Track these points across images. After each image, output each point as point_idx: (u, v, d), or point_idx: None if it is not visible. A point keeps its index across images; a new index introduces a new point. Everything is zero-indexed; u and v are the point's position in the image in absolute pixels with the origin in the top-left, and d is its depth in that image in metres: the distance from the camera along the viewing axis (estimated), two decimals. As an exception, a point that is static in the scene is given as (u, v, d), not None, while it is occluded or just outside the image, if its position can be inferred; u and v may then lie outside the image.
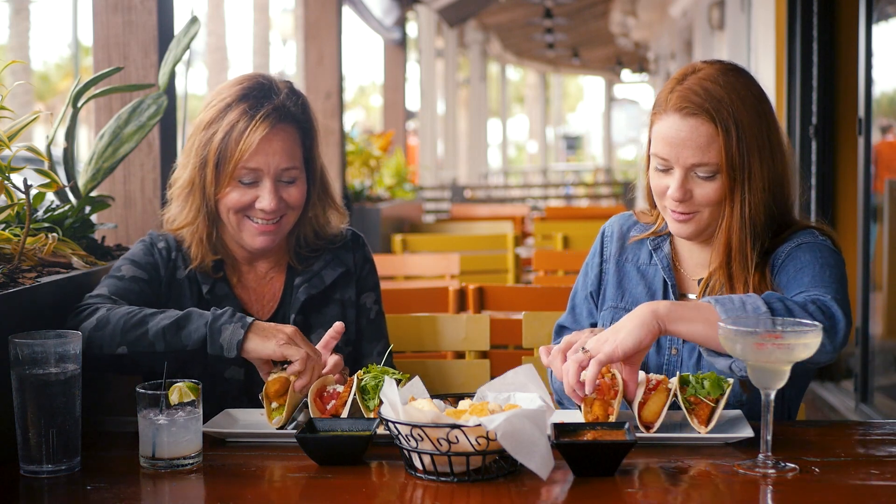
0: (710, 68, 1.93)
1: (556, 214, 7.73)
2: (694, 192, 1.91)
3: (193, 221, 2.06)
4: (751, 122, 1.88)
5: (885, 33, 4.75)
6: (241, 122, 2.00)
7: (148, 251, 2.10)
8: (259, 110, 2.01)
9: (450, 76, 16.55)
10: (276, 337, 1.83)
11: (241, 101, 2.02)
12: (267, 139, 2.00)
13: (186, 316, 1.87)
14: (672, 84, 1.93)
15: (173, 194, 2.10)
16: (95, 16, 2.81)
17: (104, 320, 1.88)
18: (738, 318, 1.68)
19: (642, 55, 22.66)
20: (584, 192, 19.63)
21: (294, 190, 2.06)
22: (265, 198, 2.02)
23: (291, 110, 2.05)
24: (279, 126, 2.02)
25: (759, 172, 1.89)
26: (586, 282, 2.16)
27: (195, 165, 2.04)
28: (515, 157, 37.43)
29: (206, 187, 2.03)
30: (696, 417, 1.73)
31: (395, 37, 9.55)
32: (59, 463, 1.60)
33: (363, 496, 1.51)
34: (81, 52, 14.60)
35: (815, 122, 5.69)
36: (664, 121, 1.91)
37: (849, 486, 1.52)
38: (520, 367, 1.68)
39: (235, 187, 2.03)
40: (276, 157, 2.02)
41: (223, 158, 2.01)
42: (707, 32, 10.52)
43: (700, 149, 1.87)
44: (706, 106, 1.87)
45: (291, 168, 2.05)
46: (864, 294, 4.90)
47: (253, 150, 1.99)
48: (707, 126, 1.87)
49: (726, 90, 1.88)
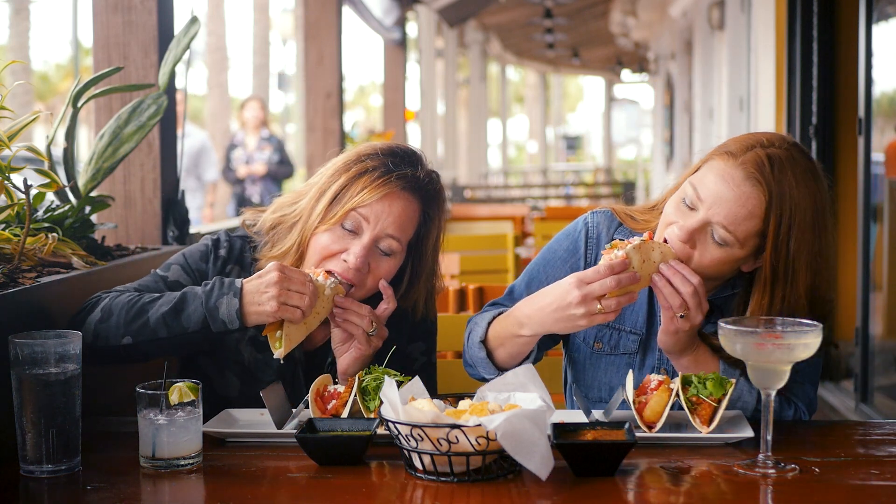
0: (797, 154, 1.84)
1: (556, 214, 7.72)
2: (697, 245, 1.85)
3: (286, 254, 2.00)
4: (807, 227, 1.81)
5: (885, 33, 4.75)
6: (378, 170, 1.96)
7: (205, 256, 2.06)
8: (399, 169, 1.97)
9: (450, 76, 16.54)
10: (266, 301, 1.81)
11: (387, 155, 1.99)
12: (390, 198, 1.95)
13: (182, 298, 1.86)
14: (755, 142, 1.85)
15: (281, 220, 2.03)
16: (95, 16, 2.82)
17: (107, 312, 1.88)
18: (738, 318, 1.68)
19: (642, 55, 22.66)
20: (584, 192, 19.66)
21: (384, 263, 1.97)
22: (355, 250, 1.94)
23: (427, 188, 2.00)
24: (409, 194, 1.97)
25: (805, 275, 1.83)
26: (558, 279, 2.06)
27: (314, 196, 1.99)
28: (515, 157, 37.43)
29: (310, 221, 1.97)
30: (698, 417, 1.73)
31: (395, 37, 9.56)
32: (59, 463, 1.60)
33: (363, 496, 1.51)
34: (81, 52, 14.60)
35: (815, 122, 5.69)
36: (726, 167, 1.83)
37: (849, 486, 1.52)
38: (520, 367, 1.68)
39: (334, 230, 1.96)
40: (389, 220, 1.95)
41: (341, 196, 1.95)
42: (707, 32, 10.52)
43: (736, 216, 1.81)
44: (773, 188, 1.80)
45: (395, 238, 1.96)
46: (864, 294, 4.90)
47: (374, 200, 1.94)
48: (758, 203, 1.80)
49: (800, 185, 1.81)
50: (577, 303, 1.78)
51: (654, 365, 2.00)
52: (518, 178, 25.04)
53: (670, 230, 1.87)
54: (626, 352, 2.02)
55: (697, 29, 11.71)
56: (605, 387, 2.03)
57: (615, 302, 1.78)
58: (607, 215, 2.08)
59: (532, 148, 36.39)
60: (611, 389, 2.02)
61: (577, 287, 1.78)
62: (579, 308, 1.78)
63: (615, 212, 2.07)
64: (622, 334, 2.01)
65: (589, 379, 2.04)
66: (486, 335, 1.98)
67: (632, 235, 2.02)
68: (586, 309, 1.78)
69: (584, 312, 1.78)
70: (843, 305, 5.54)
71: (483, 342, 1.98)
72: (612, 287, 1.76)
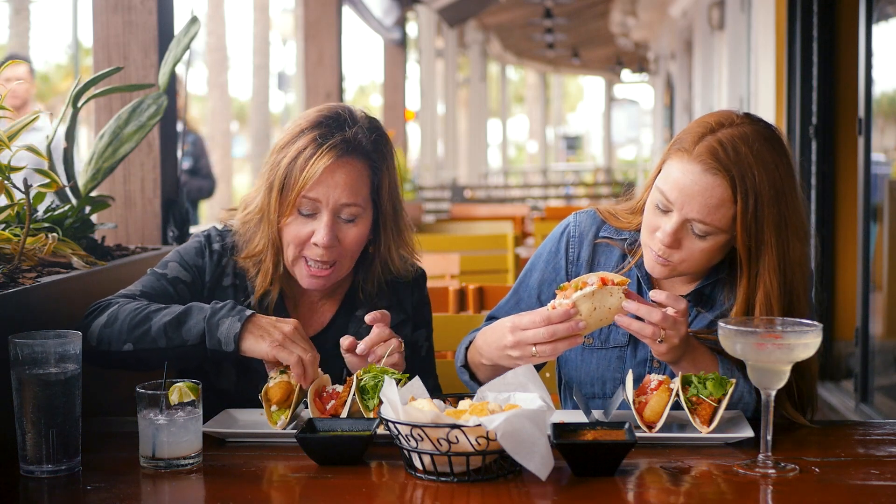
0: (747, 128, 1.85)
1: (556, 214, 7.71)
2: (683, 243, 1.87)
3: (262, 251, 2.01)
4: (772, 199, 1.82)
5: (885, 33, 4.75)
6: (308, 150, 1.94)
7: (200, 252, 2.06)
8: (328, 140, 1.94)
9: (450, 76, 16.54)
10: (270, 336, 1.81)
11: (313, 128, 1.97)
12: (330, 170, 1.93)
13: (187, 311, 1.86)
14: (704, 129, 1.85)
15: (246, 218, 2.04)
16: (95, 16, 2.82)
17: (113, 317, 1.88)
18: (738, 318, 1.68)
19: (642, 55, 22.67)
20: (583, 192, 19.64)
21: (353, 230, 1.98)
22: (320, 231, 1.94)
23: (363, 144, 1.97)
24: (346, 159, 1.95)
25: (775, 248, 1.84)
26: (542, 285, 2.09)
27: (264, 189, 1.99)
28: (515, 157, 37.42)
29: (270, 215, 1.98)
30: (698, 417, 1.73)
31: (395, 37, 9.55)
32: (59, 463, 1.60)
33: (363, 496, 1.51)
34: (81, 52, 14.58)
35: (815, 122, 5.69)
36: (683, 165, 1.84)
37: (849, 486, 1.52)
38: (520, 367, 1.68)
39: (296, 218, 1.96)
40: (338, 191, 1.94)
41: (287, 185, 1.95)
42: (707, 32, 10.52)
43: (708, 208, 1.82)
44: (732, 171, 1.80)
45: (352, 205, 1.96)
46: (864, 294, 4.90)
47: (315, 179, 1.92)
48: (724, 189, 1.81)
49: (757, 160, 1.81)
50: (511, 346, 1.81)
51: (646, 357, 1.99)
52: (518, 178, 25.03)
53: (654, 241, 1.89)
54: (616, 345, 2.02)
55: (697, 29, 11.71)
56: (598, 381, 2.03)
57: (550, 348, 1.78)
58: (590, 214, 2.11)
59: (532, 148, 36.40)
60: (604, 384, 2.02)
61: (512, 332, 1.81)
62: (514, 351, 1.81)
63: (599, 212, 2.10)
64: (612, 327, 2.01)
65: (582, 375, 2.04)
66: (465, 359, 2.04)
67: (618, 233, 2.06)
68: (521, 353, 1.80)
69: (519, 355, 1.81)
70: (842, 305, 5.55)
71: (465, 366, 2.03)
72: (545, 337, 1.77)
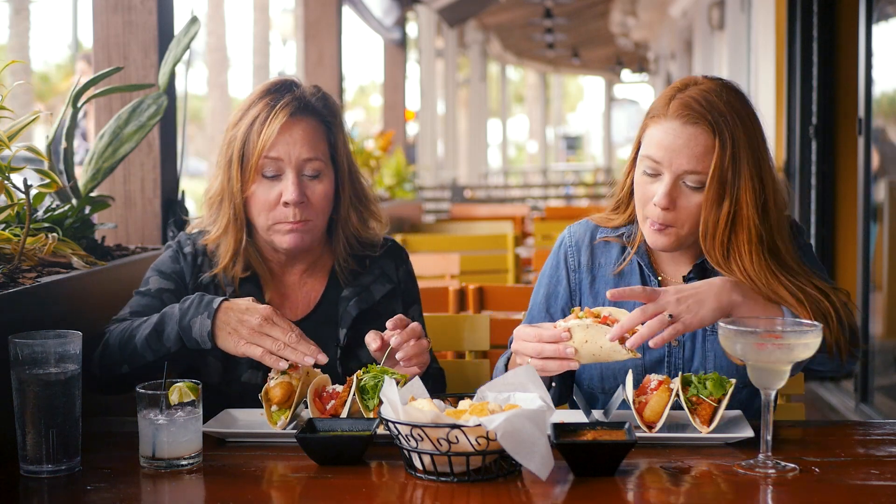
0: (711, 83, 1.93)
1: (555, 214, 7.72)
2: (678, 203, 1.89)
3: (226, 232, 2.04)
4: (746, 142, 1.88)
5: (885, 33, 4.75)
6: (262, 114, 2.00)
7: (174, 258, 2.09)
8: (279, 101, 2.01)
9: (450, 76, 16.54)
10: (237, 333, 1.82)
11: (263, 96, 2.03)
12: (287, 127, 1.99)
13: (161, 319, 1.88)
14: (672, 92, 1.93)
15: (206, 204, 2.08)
16: (95, 16, 2.81)
17: (106, 343, 1.92)
18: (738, 318, 1.68)
19: (642, 55, 22.68)
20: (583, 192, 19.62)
21: (319, 186, 2.03)
22: (288, 189, 1.99)
23: (312, 103, 2.04)
24: (299, 116, 2.02)
25: (749, 191, 1.87)
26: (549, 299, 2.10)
27: (223, 166, 2.03)
28: (515, 157, 37.43)
29: (233, 189, 2.01)
30: (698, 417, 1.74)
31: (395, 37, 9.55)
32: (59, 463, 1.60)
33: (363, 496, 1.51)
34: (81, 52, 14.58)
35: (815, 122, 5.69)
36: (662, 125, 1.90)
37: (849, 486, 1.52)
38: (520, 367, 1.68)
39: (260, 183, 2.01)
40: (297, 147, 2.00)
41: (247, 152, 2.00)
42: (707, 32, 10.53)
43: (696, 157, 1.87)
44: (708, 117, 1.86)
45: (314, 159, 2.02)
46: (864, 294, 4.90)
47: (274, 138, 1.98)
48: (706, 136, 1.87)
49: (727, 106, 1.88)
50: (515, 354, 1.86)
51: (641, 350, 1.99)
52: (518, 178, 25.02)
53: (650, 209, 1.91)
54: None
55: (697, 29, 11.71)
56: (596, 378, 2.04)
57: (540, 364, 1.79)
58: (583, 223, 2.14)
59: (532, 148, 36.40)
60: (602, 379, 2.03)
61: (514, 341, 1.85)
62: (518, 359, 1.86)
63: (591, 220, 2.14)
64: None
65: (578, 372, 2.04)
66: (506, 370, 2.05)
67: (615, 231, 2.08)
68: (520, 362, 1.83)
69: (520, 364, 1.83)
70: (842, 305, 5.53)
71: None
72: (534, 353, 1.79)
